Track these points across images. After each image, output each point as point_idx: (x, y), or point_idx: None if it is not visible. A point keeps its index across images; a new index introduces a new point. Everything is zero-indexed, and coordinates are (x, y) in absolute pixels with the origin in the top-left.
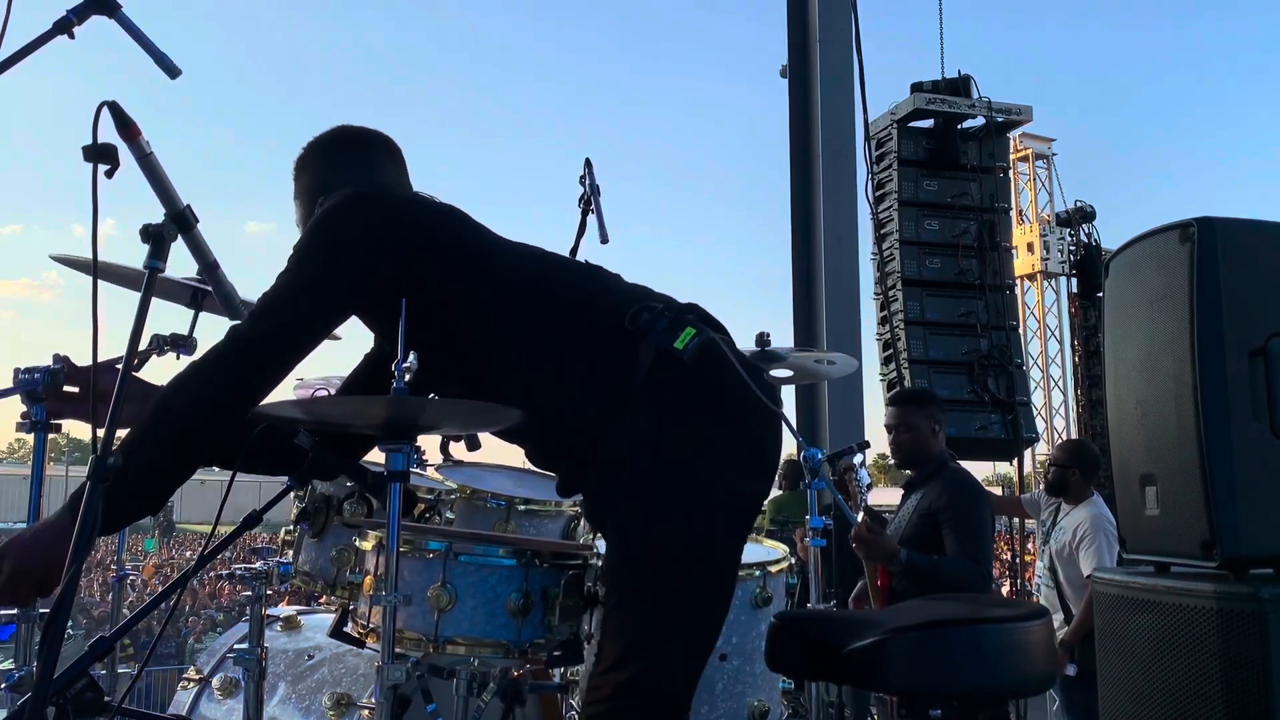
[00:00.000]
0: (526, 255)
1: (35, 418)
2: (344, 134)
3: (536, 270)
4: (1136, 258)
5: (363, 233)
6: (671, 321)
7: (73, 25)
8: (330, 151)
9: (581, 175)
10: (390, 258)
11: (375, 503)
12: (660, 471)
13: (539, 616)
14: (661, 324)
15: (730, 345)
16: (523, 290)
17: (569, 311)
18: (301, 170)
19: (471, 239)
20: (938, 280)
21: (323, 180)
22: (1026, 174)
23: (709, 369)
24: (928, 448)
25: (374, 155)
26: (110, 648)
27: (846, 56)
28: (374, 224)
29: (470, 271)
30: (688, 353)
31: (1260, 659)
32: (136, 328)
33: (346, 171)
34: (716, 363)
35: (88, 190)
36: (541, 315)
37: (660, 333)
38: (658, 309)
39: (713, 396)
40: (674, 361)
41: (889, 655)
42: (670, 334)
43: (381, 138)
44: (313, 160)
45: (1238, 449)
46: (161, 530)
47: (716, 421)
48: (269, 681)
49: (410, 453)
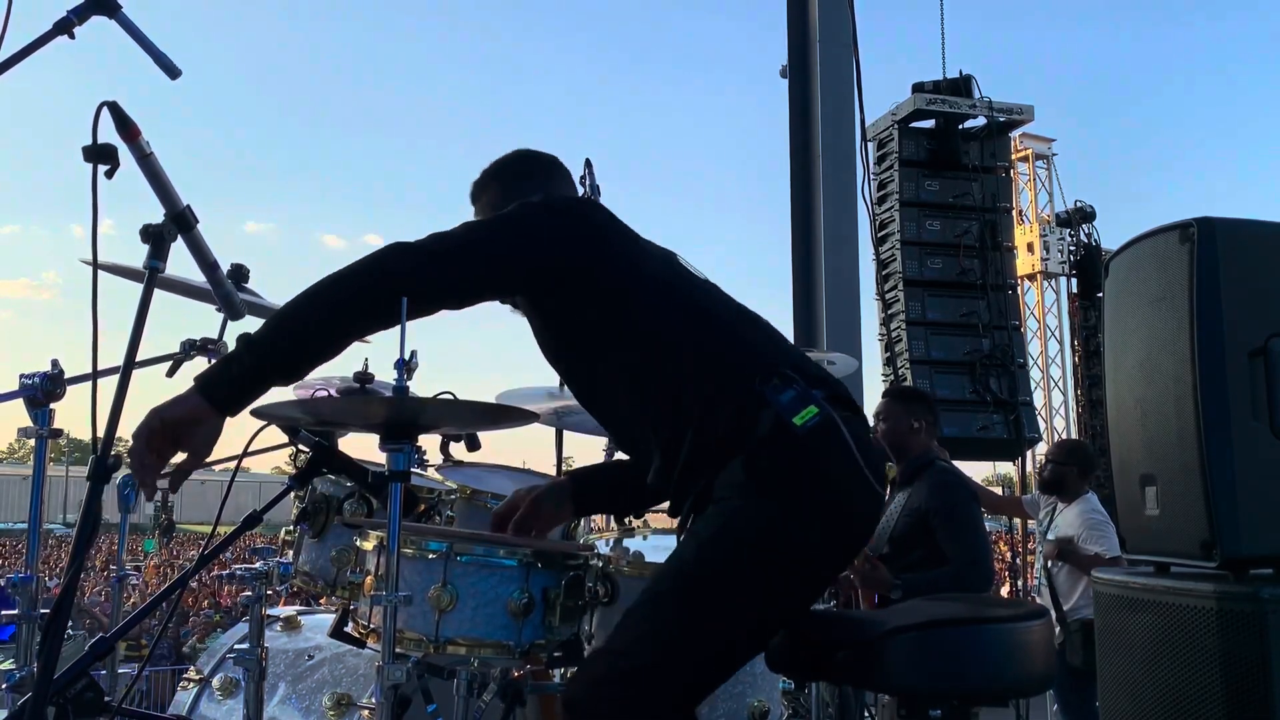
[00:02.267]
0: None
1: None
2: (524, 156)
3: (699, 301)
4: (1136, 258)
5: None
6: (799, 395)
7: (73, 25)
8: (511, 171)
9: (582, 175)
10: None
11: (375, 503)
12: (745, 517)
13: (539, 617)
14: (787, 396)
15: (854, 426)
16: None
17: (711, 350)
18: (482, 190)
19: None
20: (939, 280)
21: (504, 201)
22: (1027, 174)
23: (821, 449)
24: (903, 442)
25: (551, 177)
26: (110, 648)
27: (846, 56)
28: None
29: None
30: (804, 430)
31: (1260, 659)
32: (137, 328)
33: (528, 190)
34: (831, 445)
35: (87, 190)
36: (687, 344)
37: (784, 404)
38: (790, 377)
39: (816, 476)
40: (789, 436)
41: (888, 655)
42: (793, 408)
43: (556, 160)
44: (495, 181)
45: (1238, 449)
46: (162, 530)
47: (811, 500)
48: (269, 681)
49: (411, 453)
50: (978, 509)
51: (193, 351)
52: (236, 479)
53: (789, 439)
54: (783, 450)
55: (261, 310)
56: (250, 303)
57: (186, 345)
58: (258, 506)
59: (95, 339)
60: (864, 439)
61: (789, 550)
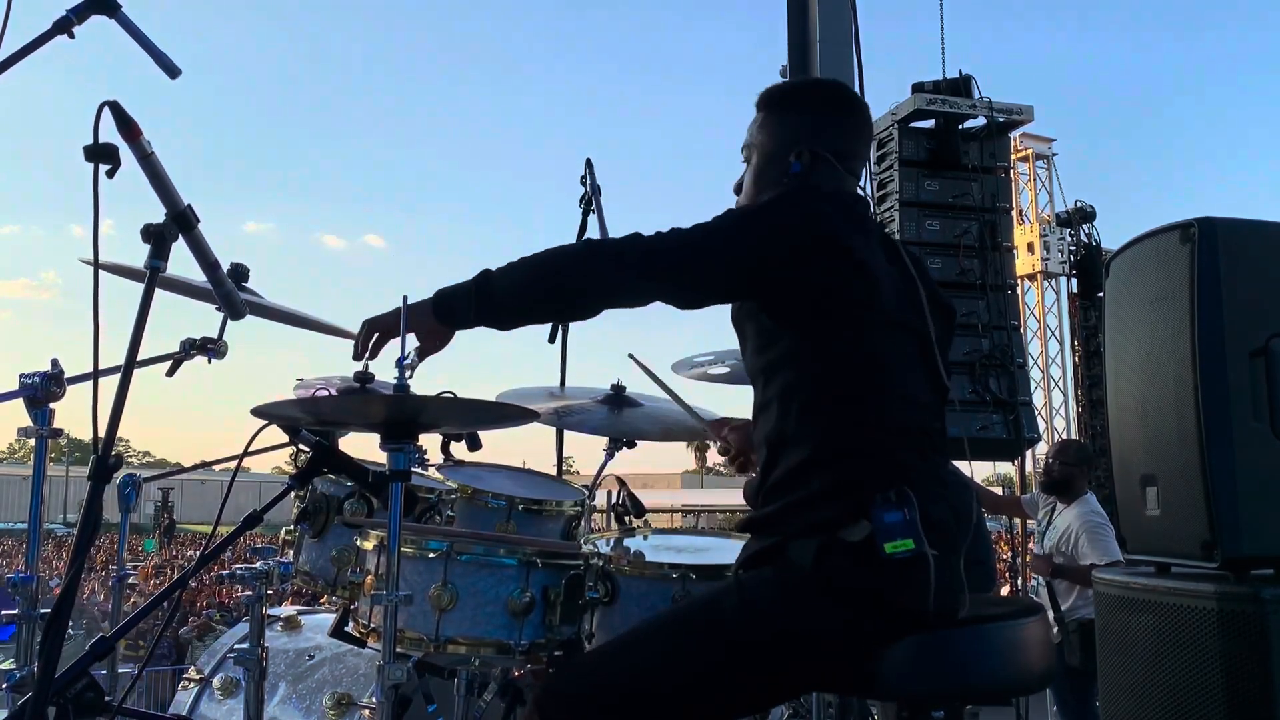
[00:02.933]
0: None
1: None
2: (840, 91)
3: (888, 363)
4: (1137, 258)
5: (790, 232)
6: (904, 523)
7: (73, 25)
8: (823, 101)
9: (582, 175)
10: (800, 263)
11: (375, 503)
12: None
13: (540, 617)
14: (892, 518)
15: (943, 566)
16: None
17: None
18: (788, 106)
19: (871, 274)
20: (939, 280)
21: (812, 129)
22: (1027, 174)
23: (894, 581)
24: None
25: (858, 126)
26: (110, 648)
27: (846, 57)
28: (807, 230)
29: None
30: (887, 562)
31: (1260, 659)
32: (137, 328)
33: (837, 126)
34: (908, 582)
35: (87, 190)
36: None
37: (884, 525)
38: (906, 498)
39: (880, 604)
40: (872, 557)
41: (887, 662)
42: (890, 533)
43: (864, 109)
44: (798, 105)
45: (1238, 449)
46: (163, 530)
47: (856, 621)
48: (269, 681)
49: (411, 452)
50: (981, 510)
51: (193, 351)
52: (236, 479)
53: (871, 559)
54: (858, 566)
55: (262, 310)
56: (251, 302)
57: (186, 345)
58: (258, 506)
59: (96, 339)
60: (946, 580)
61: (820, 653)
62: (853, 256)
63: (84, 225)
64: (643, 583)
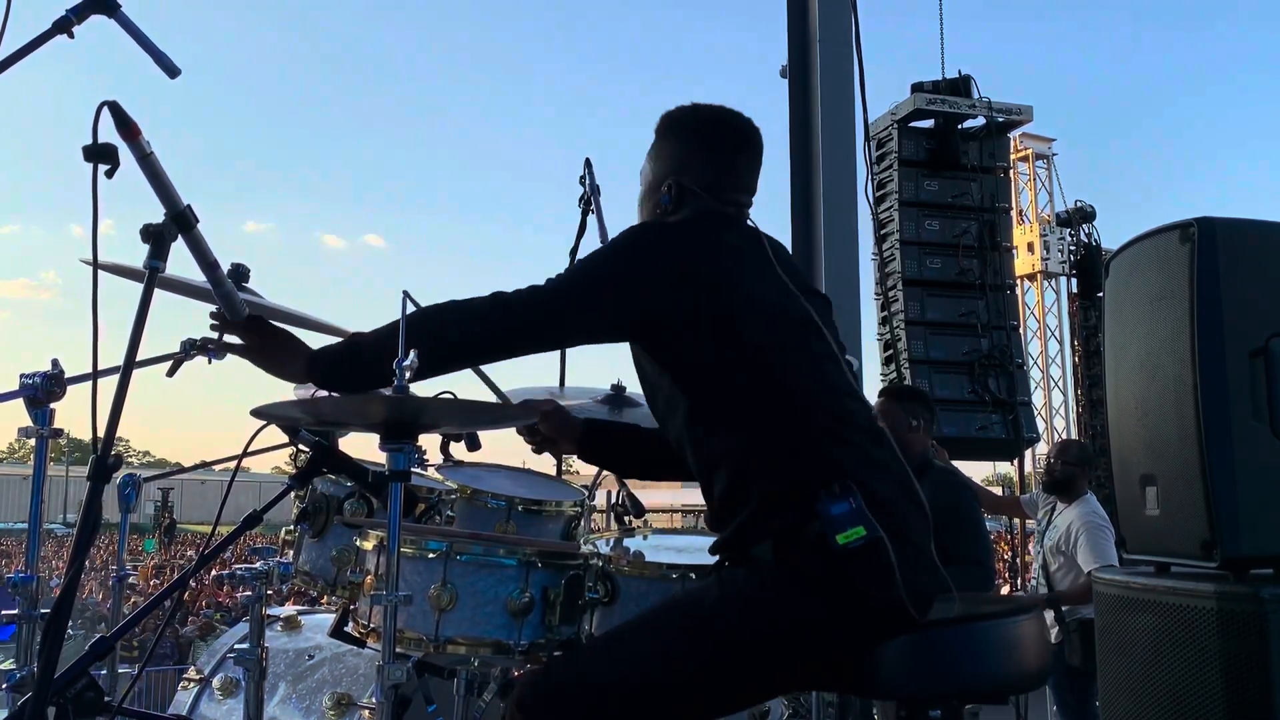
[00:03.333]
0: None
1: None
2: (714, 116)
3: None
4: (1137, 257)
5: (627, 281)
6: (851, 511)
7: (72, 25)
8: (698, 130)
9: (582, 175)
10: (647, 304)
11: (375, 503)
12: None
13: (539, 617)
14: (839, 510)
15: (904, 548)
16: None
17: (780, 441)
18: (666, 135)
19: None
20: (938, 280)
21: (681, 161)
22: (1026, 174)
23: (858, 570)
24: (902, 441)
25: (735, 149)
26: (110, 648)
27: (846, 56)
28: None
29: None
30: (845, 551)
31: (1260, 659)
32: (137, 328)
33: (706, 157)
34: (871, 567)
35: (86, 190)
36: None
37: (832, 518)
38: (849, 489)
39: (850, 591)
40: (828, 551)
41: (883, 661)
42: (840, 524)
43: (750, 136)
44: (679, 134)
45: (1238, 449)
46: (163, 530)
47: (832, 611)
48: (269, 681)
49: (411, 453)
50: (979, 509)
51: (193, 351)
52: (236, 479)
53: (827, 553)
54: (820, 561)
55: (262, 310)
56: (250, 302)
57: (186, 345)
58: (258, 506)
59: (95, 339)
60: (910, 561)
61: (798, 646)
62: (706, 278)
63: (84, 225)
64: (642, 583)
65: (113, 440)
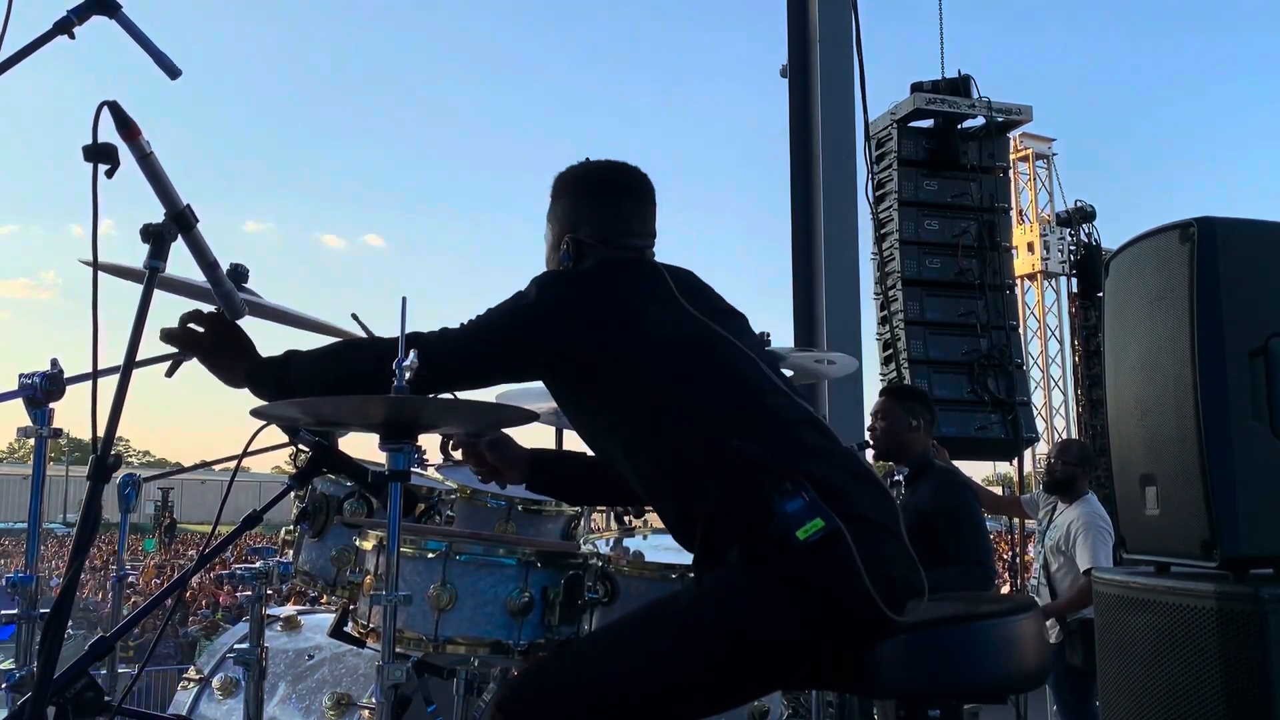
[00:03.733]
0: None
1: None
2: (595, 173)
3: (715, 390)
4: (1136, 257)
5: (540, 324)
6: (806, 505)
7: (73, 25)
8: (583, 187)
9: None
10: (559, 346)
11: (375, 503)
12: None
13: (539, 616)
14: (794, 506)
15: (865, 536)
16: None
17: (721, 450)
18: (558, 196)
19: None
20: (938, 280)
21: (574, 218)
22: (1026, 174)
23: (821, 563)
24: (901, 441)
25: (619, 199)
26: (110, 648)
27: (846, 56)
28: (552, 316)
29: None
30: (807, 546)
31: (1260, 659)
32: (137, 328)
33: (594, 212)
34: (832, 559)
35: (86, 190)
36: (695, 442)
37: (788, 515)
38: (800, 484)
39: (812, 588)
40: (789, 548)
41: (880, 661)
42: (797, 519)
43: (631, 181)
44: (567, 193)
45: (1238, 449)
46: (163, 530)
47: (804, 611)
48: (269, 681)
49: (411, 452)
50: (980, 509)
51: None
52: (236, 479)
53: (789, 550)
54: (784, 557)
55: (262, 310)
56: (250, 302)
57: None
58: (258, 506)
59: (95, 339)
60: (875, 550)
61: (775, 643)
62: (608, 319)
63: (84, 225)
64: (642, 583)
65: (113, 440)
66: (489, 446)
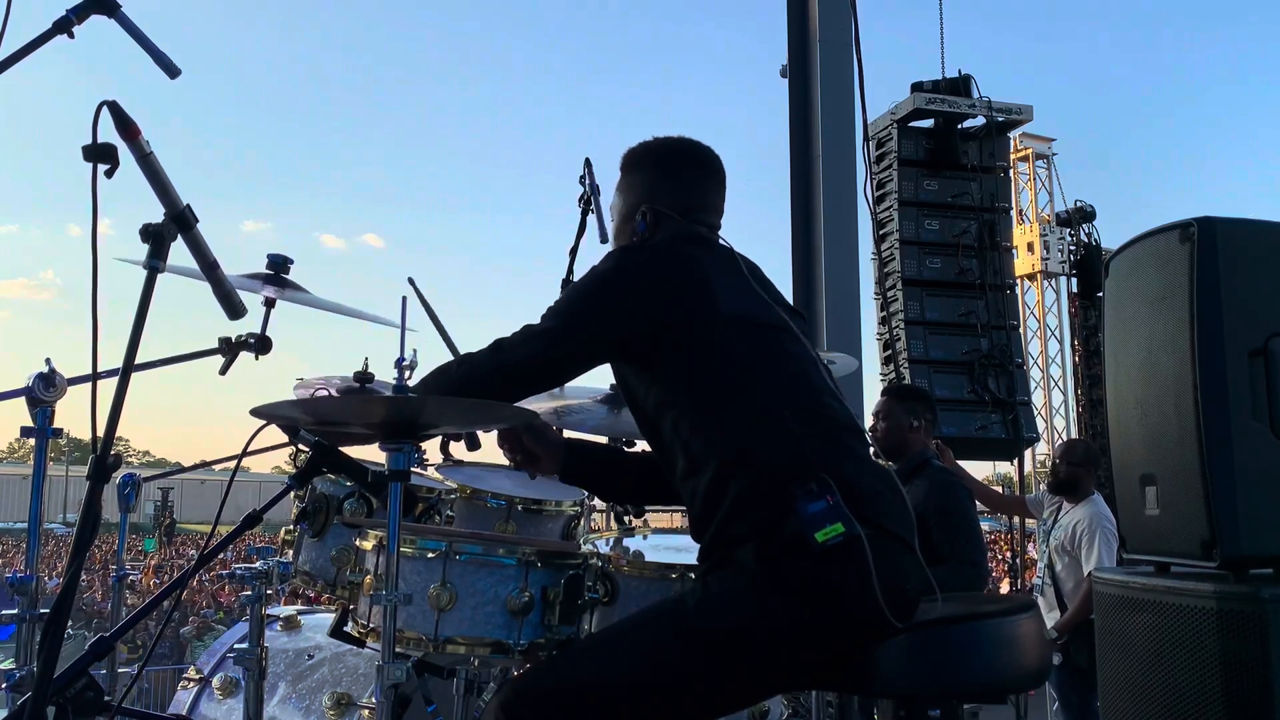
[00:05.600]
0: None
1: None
2: (675, 147)
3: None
4: (1137, 257)
5: (618, 300)
6: (828, 509)
7: (73, 25)
8: (662, 161)
9: (581, 175)
10: (647, 313)
11: (375, 502)
12: (742, 592)
13: (539, 616)
14: (816, 508)
15: (882, 543)
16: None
17: (756, 444)
18: (633, 168)
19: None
20: (938, 280)
21: (650, 190)
22: (1026, 174)
23: (836, 568)
24: (902, 440)
25: (697, 174)
26: (110, 648)
27: (846, 57)
28: (633, 289)
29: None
30: (824, 550)
31: (1260, 659)
32: (137, 328)
33: (672, 185)
34: (848, 565)
35: (85, 190)
36: (736, 433)
37: (808, 517)
38: (827, 486)
39: (827, 591)
40: (806, 549)
41: (879, 661)
42: (817, 522)
43: (707, 159)
44: (645, 165)
45: (1238, 449)
46: (163, 530)
47: (811, 617)
48: (269, 681)
49: (411, 452)
50: (974, 509)
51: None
52: (236, 479)
53: (806, 552)
54: (797, 560)
55: (309, 304)
56: (297, 296)
57: (224, 342)
58: (258, 506)
59: (95, 339)
60: (891, 561)
61: (779, 649)
62: (684, 291)
63: (83, 225)
64: (642, 583)
65: (113, 440)
66: (527, 430)
